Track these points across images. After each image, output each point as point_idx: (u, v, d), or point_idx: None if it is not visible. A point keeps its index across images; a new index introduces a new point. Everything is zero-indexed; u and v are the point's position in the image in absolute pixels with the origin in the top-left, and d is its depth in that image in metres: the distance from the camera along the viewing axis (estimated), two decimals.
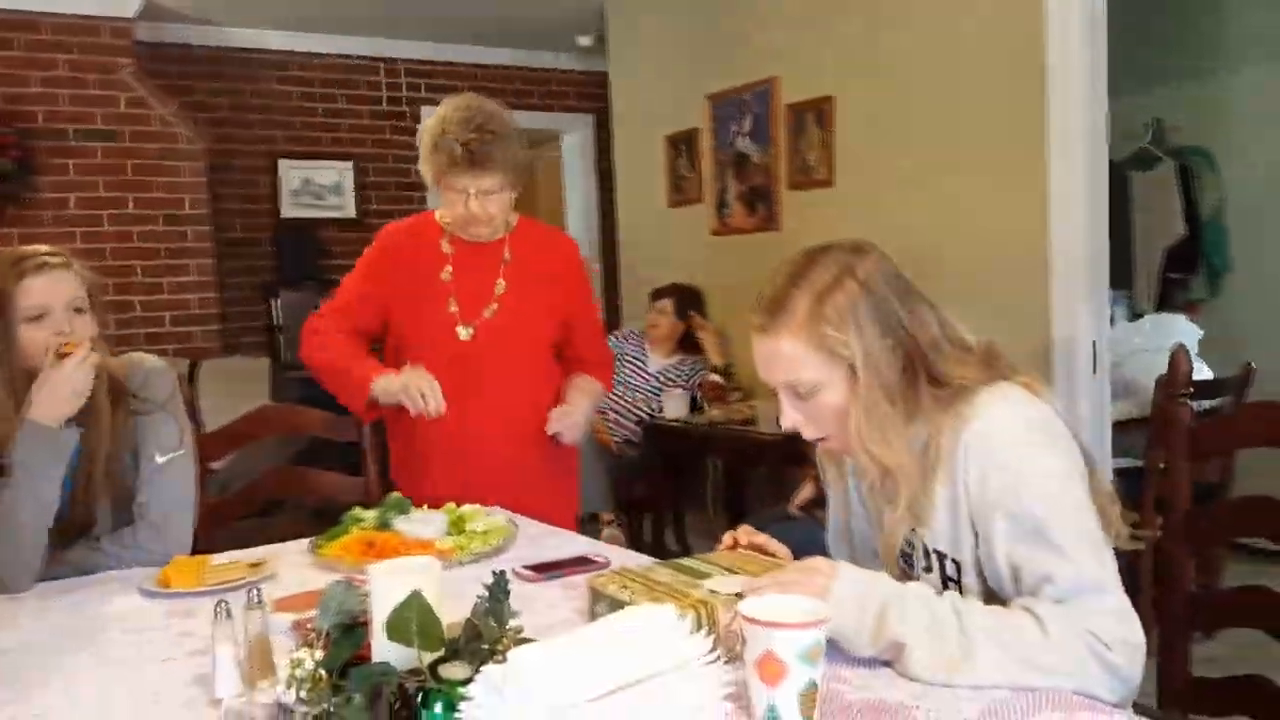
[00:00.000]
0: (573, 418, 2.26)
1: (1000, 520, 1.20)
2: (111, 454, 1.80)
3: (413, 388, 2.08)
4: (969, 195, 3.43)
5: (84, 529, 1.80)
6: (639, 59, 5.14)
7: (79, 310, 1.75)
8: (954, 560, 1.27)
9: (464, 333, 2.23)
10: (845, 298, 1.25)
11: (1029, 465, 1.20)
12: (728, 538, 1.46)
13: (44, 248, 1.78)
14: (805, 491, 3.10)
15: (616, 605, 1.20)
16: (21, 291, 1.70)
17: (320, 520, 3.30)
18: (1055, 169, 3.14)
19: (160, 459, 1.81)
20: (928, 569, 1.30)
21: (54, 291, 1.72)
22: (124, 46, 4.80)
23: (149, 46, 5.08)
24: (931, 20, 3.55)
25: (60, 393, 1.66)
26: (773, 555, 1.42)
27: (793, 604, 1.01)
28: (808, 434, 1.33)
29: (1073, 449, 1.25)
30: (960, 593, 1.23)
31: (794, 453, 3.35)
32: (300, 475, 2.50)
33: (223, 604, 1.15)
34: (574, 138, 6.44)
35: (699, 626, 1.06)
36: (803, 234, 4.13)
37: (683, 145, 4.81)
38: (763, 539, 1.45)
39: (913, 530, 1.30)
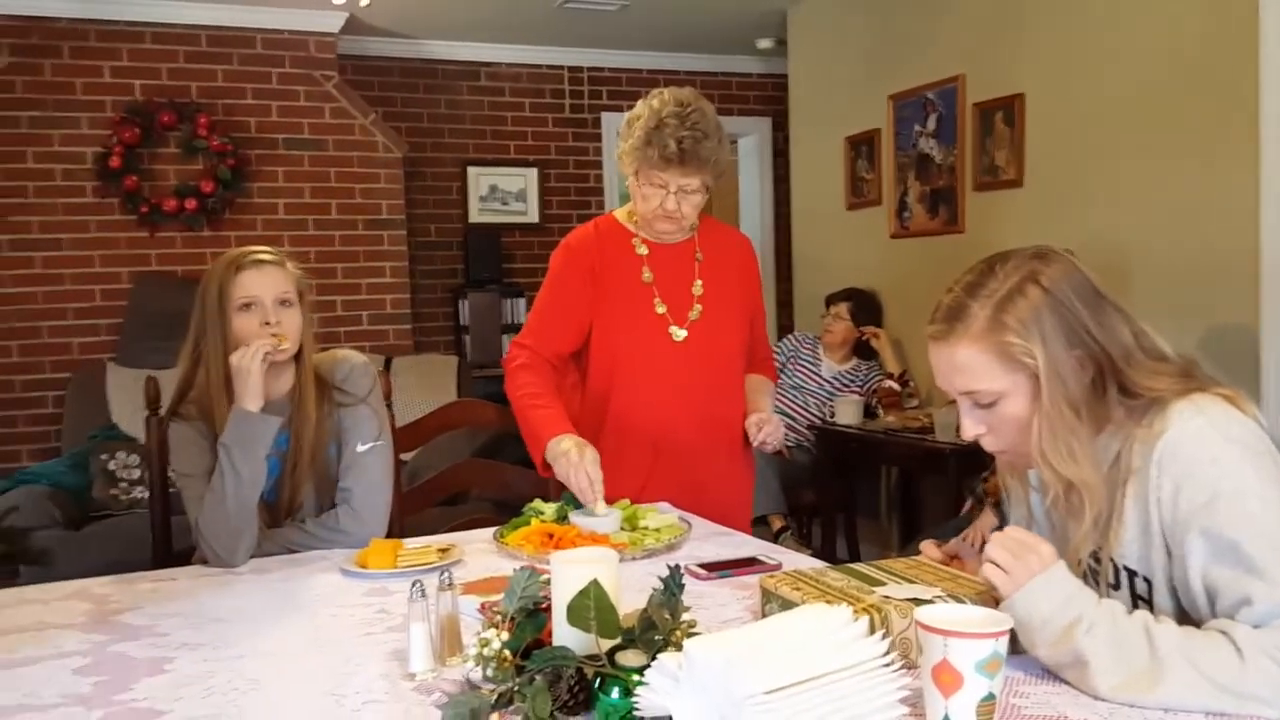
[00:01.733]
0: (772, 423, 2.24)
1: (1195, 539, 1.14)
2: (316, 442, 1.94)
3: (576, 480, 1.94)
4: (1172, 197, 3.24)
5: (291, 511, 1.95)
6: (819, 60, 5.10)
7: (287, 304, 1.90)
8: (1145, 578, 1.22)
9: (679, 334, 2.22)
10: (1028, 305, 1.21)
11: (1227, 481, 1.13)
12: (929, 548, 1.42)
13: (262, 247, 1.95)
14: (986, 520, 3.00)
15: (788, 606, 1.21)
16: (237, 283, 1.87)
17: (500, 510, 3.44)
18: (1269, 168, 2.93)
19: (361, 448, 1.94)
20: (1115, 586, 1.25)
21: (264, 285, 1.88)
22: (329, 60, 5.13)
23: (352, 59, 5.42)
24: (1130, 12, 3.37)
25: (239, 381, 1.81)
26: (961, 568, 1.38)
27: (972, 613, 0.99)
28: (988, 445, 1.29)
29: (1278, 466, 1.17)
30: (1151, 612, 1.17)
31: (972, 462, 3.26)
32: (486, 468, 2.62)
33: (418, 585, 1.22)
34: (750, 140, 6.44)
35: (873, 631, 1.06)
36: (988, 236, 4.00)
37: (863, 146, 4.74)
38: (953, 545, 1.42)
39: (1099, 547, 1.25)
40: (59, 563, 3.16)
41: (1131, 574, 1.23)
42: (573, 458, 1.96)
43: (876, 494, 4.74)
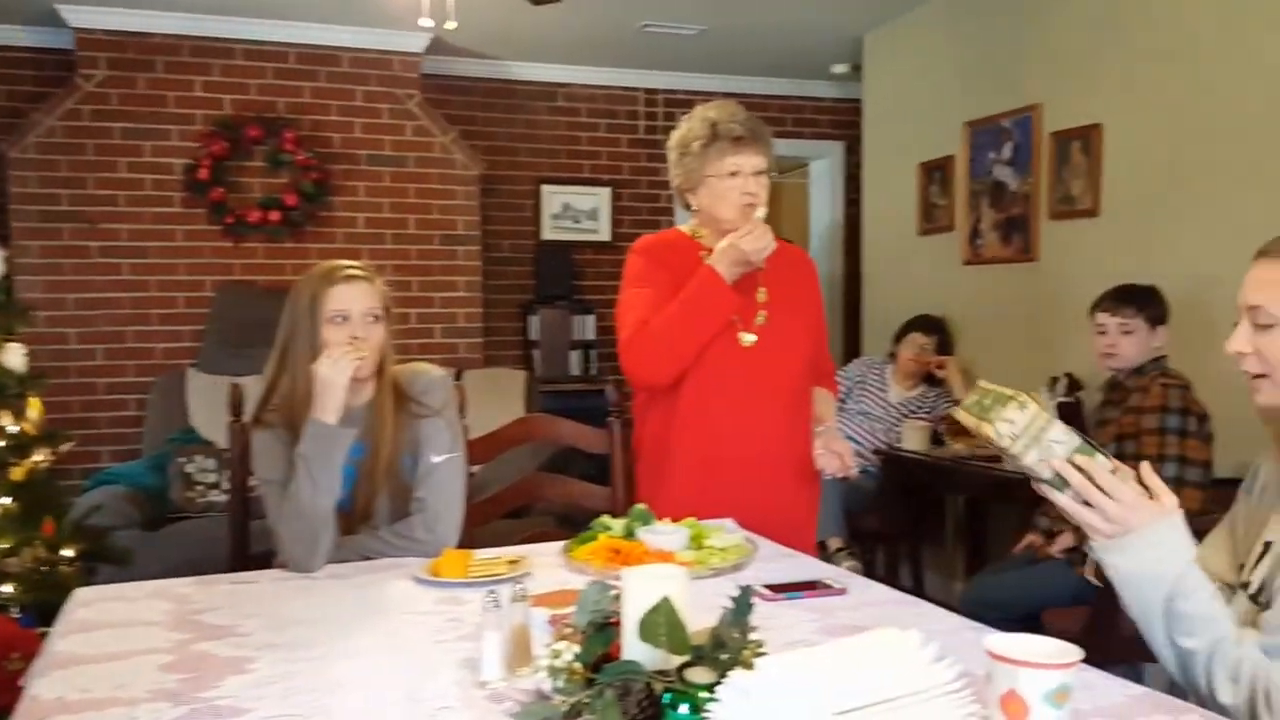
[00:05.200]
0: (841, 443, 2.27)
1: None
2: (392, 452, 1.99)
3: (742, 245, 2.14)
4: (1249, 228, 3.13)
5: (365, 518, 2.00)
6: (895, 86, 5.08)
7: (375, 319, 1.96)
8: None
9: (747, 338, 2.26)
10: None
11: None
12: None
13: (353, 262, 2.01)
14: (1065, 540, 2.98)
15: (1000, 398, 1.31)
16: (329, 296, 1.93)
17: (564, 524, 3.47)
18: None
19: (436, 459, 1.99)
20: None
21: (355, 299, 1.94)
22: (412, 79, 5.26)
23: (434, 79, 5.54)
24: (1209, 44, 3.32)
25: (323, 392, 1.86)
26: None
27: (1042, 645, 0.99)
28: (1248, 366, 1.35)
29: None
30: None
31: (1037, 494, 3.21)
32: (553, 482, 2.64)
33: (492, 594, 1.25)
34: (822, 164, 6.43)
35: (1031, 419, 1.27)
36: (1062, 265, 3.95)
37: (936, 172, 4.71)
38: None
39: None
40: (137, 562, 3.27)
41: None
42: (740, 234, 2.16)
43: (942, 522, 4.68)
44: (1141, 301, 2.98)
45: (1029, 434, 1.29)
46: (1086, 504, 1.29)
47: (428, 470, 1.99)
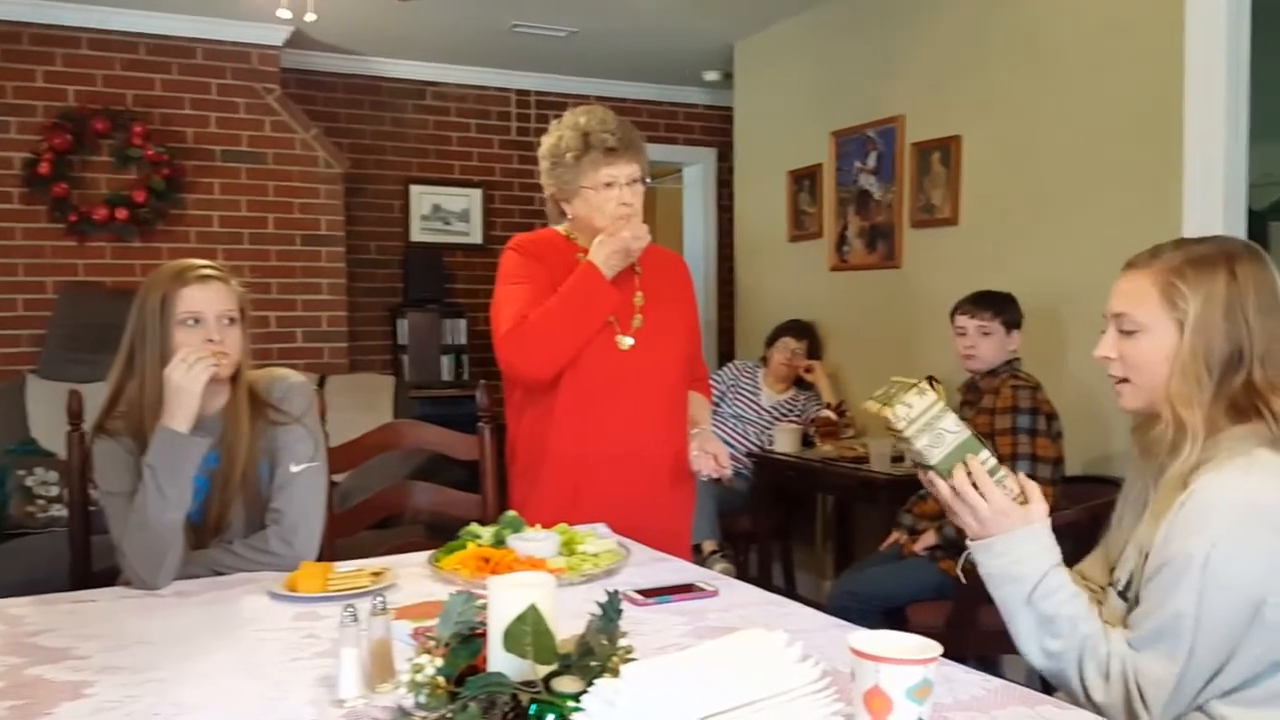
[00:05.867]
0: (716, 445, 2.27)
1: (1156, 557, 1.28)
2: (248, 461, 1.90)
3: (621, 234, 2.16)
4: (1099, 239, 3.34)
5: (218, 532, 1.90)
6: (765, 95, 5.17)
7: (230, 321, 1.87)
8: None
9: (625, 342, 2.25)
10: (1210, 272, 1.32)
11: (1218, 550, 1.23)
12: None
13: (206, 261, 1.90)
14: (928, 538, 3.08)
15: (904, 386, 1.36)
16: (181, 298, 1.82)
17: (434, 534, 3.39)
18: (1191, 216, 3.03)
19: (294, 469, 1.90)
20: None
21: (209, 301, 1.84)
22: (271, 73, 5.06)
23: (295, 73, 5.36)
24: (1064, 62, 3.48)
25: (175, 398, 1.75)
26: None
27: (904, 640, 1.01)
28: (1113, 371, 1.41)
29: None
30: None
31: (905, 491, 3.31)
32: (422, 490, 2.58)
33: (350, 609, 1.20)
34: (695, 170, 6.50)
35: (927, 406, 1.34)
36: (924, 272, 4.09)
37: (805, 180, 4.82)
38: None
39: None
40: None
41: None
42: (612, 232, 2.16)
43: (812, 522, 4.78)
44: (999, 306, 3.11)
45: (923, 419, 1.36)
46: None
47: (285, 480, 1.90)
